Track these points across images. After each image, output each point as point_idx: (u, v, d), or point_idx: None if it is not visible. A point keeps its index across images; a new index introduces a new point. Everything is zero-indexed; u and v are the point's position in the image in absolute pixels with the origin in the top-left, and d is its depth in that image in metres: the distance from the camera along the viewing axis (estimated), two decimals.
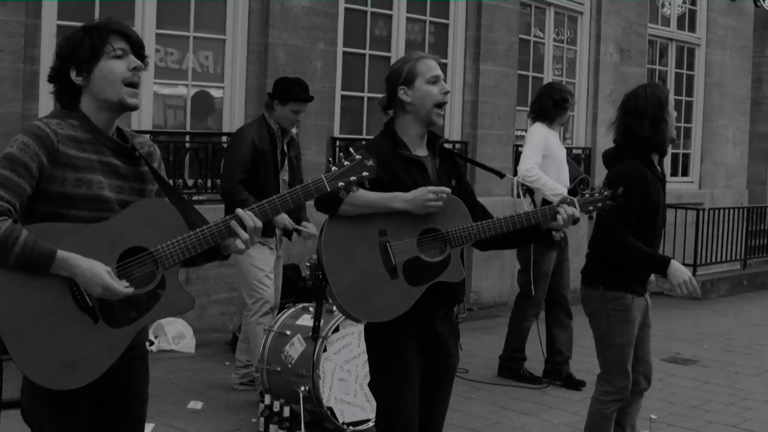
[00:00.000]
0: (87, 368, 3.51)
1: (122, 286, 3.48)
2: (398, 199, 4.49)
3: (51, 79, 3.69)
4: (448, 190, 4.55)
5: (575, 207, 4.76)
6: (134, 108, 3.73)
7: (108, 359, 3.54)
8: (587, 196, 4.94)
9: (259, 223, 3.73)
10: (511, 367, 8.88)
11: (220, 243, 3.73)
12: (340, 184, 3.80)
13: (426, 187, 4.49)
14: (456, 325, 4.93)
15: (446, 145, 4.99)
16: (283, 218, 7.68)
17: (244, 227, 3.69)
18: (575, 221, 4.80)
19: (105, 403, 3.74)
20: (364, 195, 4.41)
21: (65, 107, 3.68)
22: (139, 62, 3.69)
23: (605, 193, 4.92)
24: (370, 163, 3.86)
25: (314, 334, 6.75)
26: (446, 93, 4.73)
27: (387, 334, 4.62)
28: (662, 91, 5.78)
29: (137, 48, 3.70)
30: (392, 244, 4.52)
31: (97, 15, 8.99)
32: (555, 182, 8.42)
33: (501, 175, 5.67)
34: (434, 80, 4.69)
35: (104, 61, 3.61)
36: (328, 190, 3.79)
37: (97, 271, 3.45)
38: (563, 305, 8.88)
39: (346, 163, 3.83)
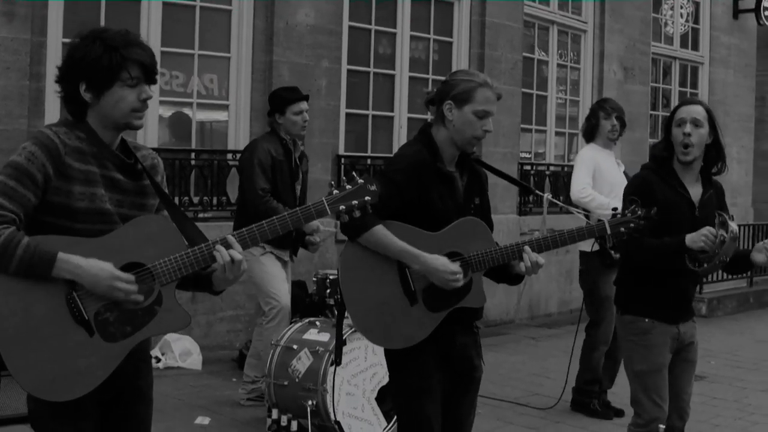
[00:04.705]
0: (81, 380, 3.51)
1: (127, 276, 3.51)
2: (418, 261, 4.42)
3: (58, 80, 3.64)
4: (460, 278, 4.47)
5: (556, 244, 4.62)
6: (139, 128, 3.74)
7: (103, 372, 3.55)
8: (618, 216, 4.78)
9: (239, 257, 3.65)
10: (581, 400, 8.39)
11: (212, 276, 3.74)
12: (341, 207, 3.76)
13: (448, 266, 4.41)
14: (477, 336, 4.83)
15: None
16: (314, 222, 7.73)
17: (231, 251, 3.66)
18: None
19: (110, 404, 3.74)
20: (387, 240, 4.38)
21: (72, 115, 3.65)
22: (150, 93, 3.65)
23: (638, 212, 4.76)
24: (372, 188, 3.82)
25: (336, 360, 6.64)
26: (486, 131, 4.59)
27: (407, 349, 4.53)
28: None
29: (151, 74, 3.65)
30: (412, 270, 4.47)
31: None
32: (613, 202, 7.93)
33: (532, 192, 5.60)
34: (483, 115, 4.54)
35: (117, 87, 3.57)
36: (329, 213, 3.76)
37: (103, 266, 3.47)
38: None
39: (348, 186, 3.80)
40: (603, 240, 8.01)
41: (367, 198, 3.80)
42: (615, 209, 4.84)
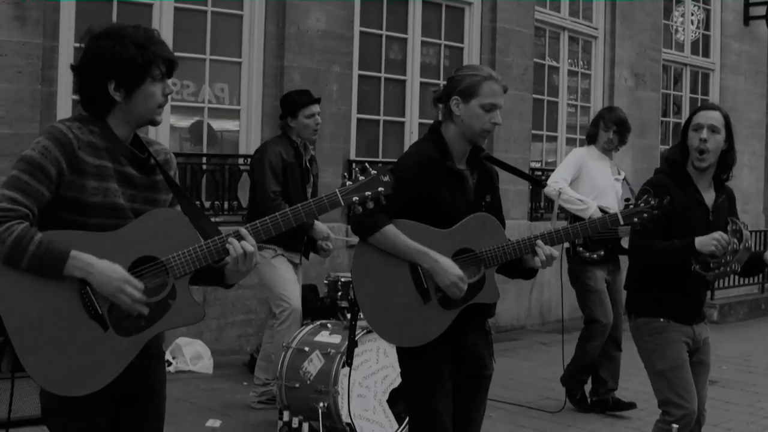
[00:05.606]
0: (95, 375, 3.51)
1: (139, 285, 3.49)
2: (427, 260, 4.42)
3: (79, 81, 3.64)
4: (464, 286, 4.45)
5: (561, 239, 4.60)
6: (159, 123, 3.78)
7: (116, 367, 3.54)
8: (631, 207, 4.74)
9: (251, 249, 3.64)
10: (569, 386, 8.50)
11: (225, 269, 3.74)
12: (354, 198, 3.76)
13: (458, 273, 4.41)
14: (489, 335, 4.82)
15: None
16: (321, 227, 7.77)
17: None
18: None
19: (124, 401, 3.73)
20: (397, 240, 4.38)
21: (93, 114, 3.64)
22: (172, 88, 3.73)
23: (651, 201, 4.71)
24: (386, 179, 3.81)
25: (348, 360, 6.63)
26: (495, 124, 4.57)
27: (419, 347, 4.53)
28: None
29: (171, 69, 3.71)
30: (424, 267, 4.46)
31: None
32: (586, 198, 8.05)
33: (542, 185, 5.59)
34: (490, 108, 4.53)
35: (148, 83, 3.60)
36: (342, 204, 3.76)
37: (116, 267, 3.46)
38: (613, 336, 8.42)
39: (361, 178, 3.79)
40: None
41: (380, 189, 3.79)
42: (627, 200, 4.80)
